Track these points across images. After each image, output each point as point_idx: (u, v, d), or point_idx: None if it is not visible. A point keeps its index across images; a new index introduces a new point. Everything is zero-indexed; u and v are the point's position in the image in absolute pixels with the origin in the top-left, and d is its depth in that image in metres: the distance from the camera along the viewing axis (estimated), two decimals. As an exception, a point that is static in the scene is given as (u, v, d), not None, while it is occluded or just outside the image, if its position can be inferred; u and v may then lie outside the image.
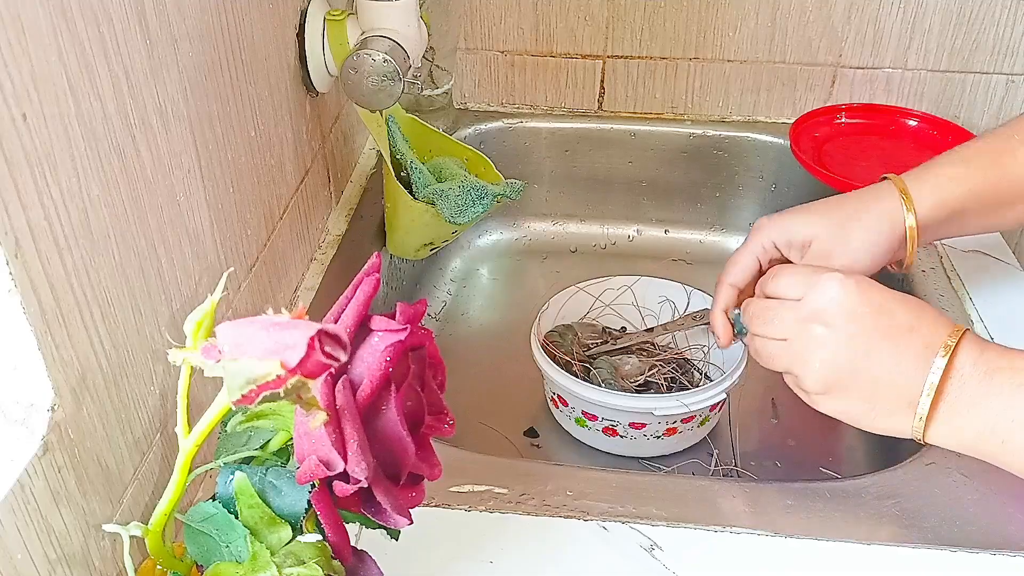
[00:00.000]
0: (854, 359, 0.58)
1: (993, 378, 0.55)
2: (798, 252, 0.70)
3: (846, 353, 0.58)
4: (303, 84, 0.81)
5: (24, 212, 0.41)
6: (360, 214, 0.95)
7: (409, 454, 0.39)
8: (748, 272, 0.72)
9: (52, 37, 0.42)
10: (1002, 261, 0.87)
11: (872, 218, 0.69)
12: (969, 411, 0.55)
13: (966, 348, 0.56)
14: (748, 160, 1.12)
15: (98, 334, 0.48)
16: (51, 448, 0.44)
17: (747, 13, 1.06)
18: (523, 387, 0.92)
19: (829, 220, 0.70)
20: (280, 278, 0.78)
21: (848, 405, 0.59)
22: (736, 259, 0.72)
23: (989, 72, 1.07)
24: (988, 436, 0.55)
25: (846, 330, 0.58)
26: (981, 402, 0.55)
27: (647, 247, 1.16)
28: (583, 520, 0.62)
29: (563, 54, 1.12)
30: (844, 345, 0.58)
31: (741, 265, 0.72)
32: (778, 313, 0.62)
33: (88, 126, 0.45)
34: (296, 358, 0.31)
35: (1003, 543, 0.60)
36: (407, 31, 0.80)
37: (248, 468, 0.42)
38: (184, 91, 0.57)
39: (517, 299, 1.09)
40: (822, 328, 0.59)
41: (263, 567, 0.40)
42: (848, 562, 0.59)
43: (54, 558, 0.44)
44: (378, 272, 0.40)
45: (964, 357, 0.56)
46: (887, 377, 0.57)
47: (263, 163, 0.72)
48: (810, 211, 0.71)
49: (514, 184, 0.92)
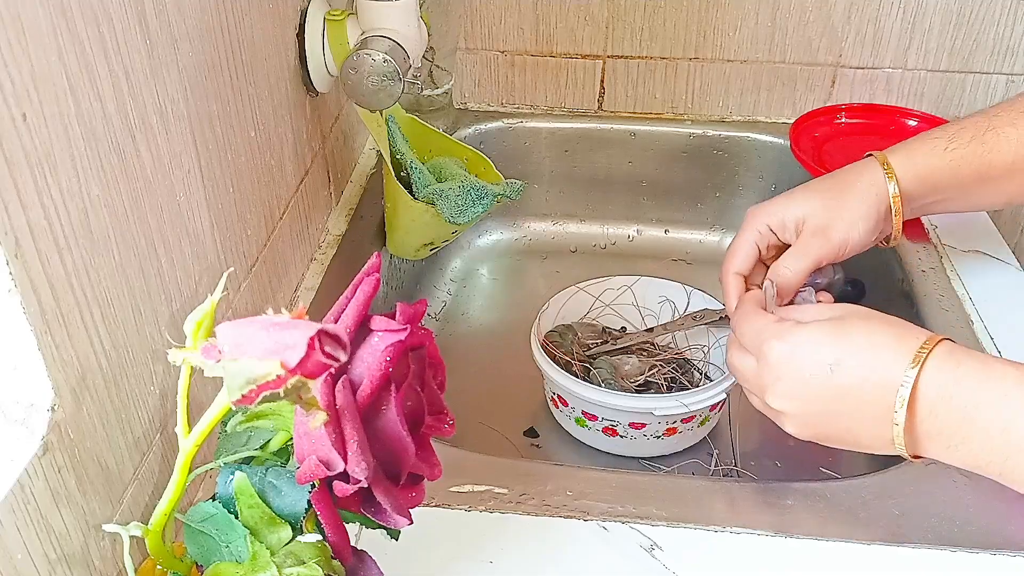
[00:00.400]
0: (820, 425, 0.59)
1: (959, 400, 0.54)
2: (793, 233, 0.71)
3: (811, 421, 0.59)
4: (303, 84, 0.81)
5: (24, 212, 0.41)
6: (360, 214, 0.95)
7: (409, 454, 0.39)
8: (750, 259, 0.72)
9: (52, 37, 0.42)
10: (1002, 261, 0.87)
11: (859, 190, 0.70)
12: (950, 440, 0.55)
13: (924, 393, 0.54)
14: (748, 160, 1.12)
15: (98, 334, 0.48)
16: (51, 448, 0.44)
17: (747, 13, 1.06)
18: (523, 387, 0.92)
19: (819, 196, 0.71)
20: (280, 278, 0.78)
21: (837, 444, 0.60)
22: (735, 248, 0.73)
23: (989, 72, 1.07)
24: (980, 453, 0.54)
25: (802, 406, 0.58)
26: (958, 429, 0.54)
27: (647, 247, 1.16)
28: (583, 520, 0.62)
29: (563, 54, 1.12)
30: (803, 418, 0.59)
31: (742, 254, 0.72)
32: (742, 375, 0.63)
33: (88, 126, 0.45)
34: (296, 358, 0.31)
35: (1003, 543, 0.60)
36: (407, 31, 0.80)
37: (248, 468, 0.42)
38: (184, 91, 0.57)
39: (517, 299, 1.09)
40: (780, 402, 0.59)
41: (263, 567, 0.40)
42: (848, 562, 0.59)
43: (54, 558, 0.44)
44: (378, 272, 0.40)
45: (924, 404, 0.54)
46: (859, 428, 0.57)
47: (263, 163, 0.72)
48: (798, 192, 0.72)
49: (514, 184, 0.92)
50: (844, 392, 0.56)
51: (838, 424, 0.58)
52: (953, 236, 0.90)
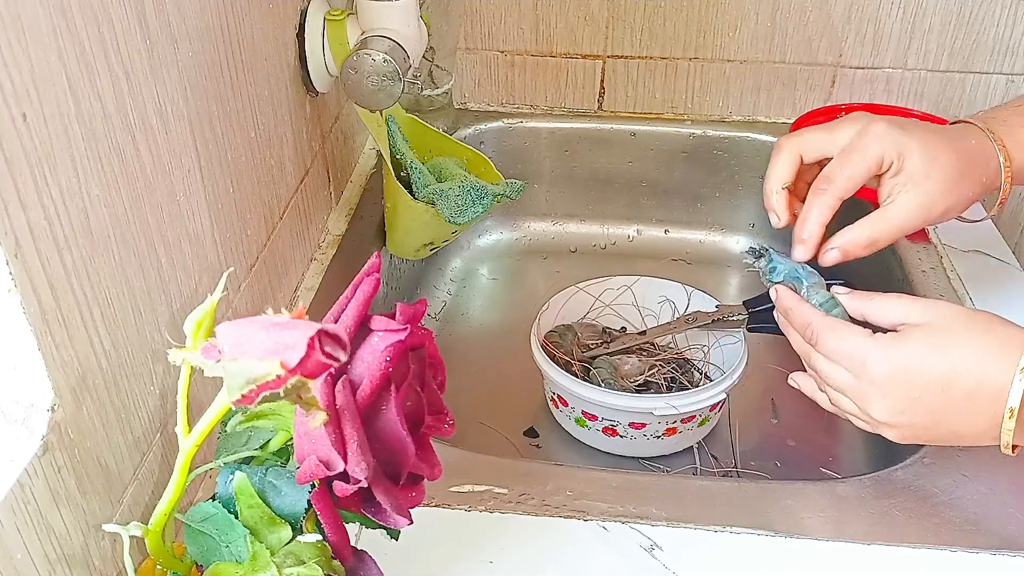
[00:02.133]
0: (925, 435, 0.58)
1: None
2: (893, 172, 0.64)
3: (918, 433, 0.58)
4: (303, 84, 0.81)
5: (24, 212, 0.41)
6: (360, 214, 0.95)
7: (409, 454, 0.39)
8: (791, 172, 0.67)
9: (52, 37, 0.42)
10: (1002, 261, 0.87)
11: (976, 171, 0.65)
12: None
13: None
14: (748, 160, 1.12)
15: (98, 334, 0.48)
16: (51, 448, 0.44)
17: (747, 13, 1.06)
18: (523, 387, 0.92)
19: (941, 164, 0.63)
20: (280, 278, 0.78)
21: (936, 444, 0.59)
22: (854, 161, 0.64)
23: (989, 72, 1.07)
24: None
25: (910, 419, 0.57)
26: None
27: (647, 247, 1.16)
28: (583, 520, 0.62)
29: (563, 54, 1.12)
30: (910, 430, 0.58)
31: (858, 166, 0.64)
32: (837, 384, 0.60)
33: (88, 126, 0.45)
34: (296, 358, 0.31)
35: (1003, 543, 0.60)
36: (407, 31, 0.80)
37: (248, 468, 0.42)
38: (184, 91, 0.57)
39: (517, 299, 1.09)
40: (887, 416, 0.58)
41: (263, 567, 0.40)
42: (848, 562, 0.59)
43: (54, 558, 0.44)
44: (378, 272, 0.40)
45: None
46: (964, 432, 0.56)
47: (263, 163, 0.72)
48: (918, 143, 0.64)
49: (514, 184, 0.92)
50: (955, 406, 0.55)
51: (943, 430, 0.57)
52: (953, 236, 0.90)
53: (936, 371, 0.55)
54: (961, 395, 0.55)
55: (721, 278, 1.12)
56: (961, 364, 0.55)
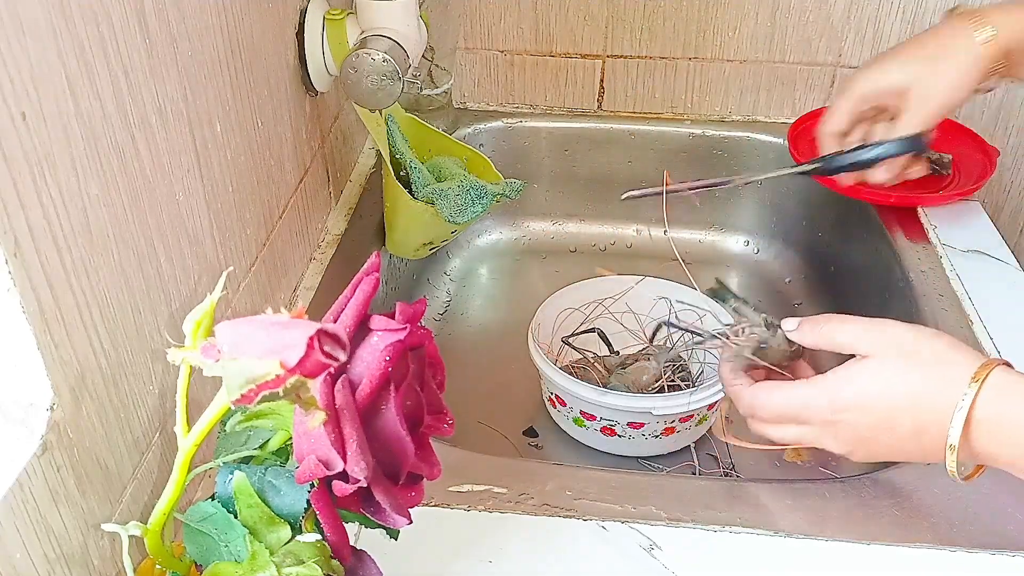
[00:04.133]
0: (887, 457, 0.58)
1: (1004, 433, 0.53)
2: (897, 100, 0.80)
3: (876, 457, 0.58)
4: (303, 84, 0.81)
5: (24, 212, 0.41)
6: (359, 214, 0.95)
7: (408, 454, 0.39)
8: (846, 122, 0.85)
9: (52, 37, 0.42)
10: (1002, 261, 0.87)
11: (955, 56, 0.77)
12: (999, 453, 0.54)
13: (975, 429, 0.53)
14: (748, 160, 1.12)
15: (97, 334, 0.48)
16: (50, 447, 0.44)
17: (747, 13, 1.06)
18: (522, 387, 0.92)
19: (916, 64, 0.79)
20: (279, 278, 0.78)
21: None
22: (833, 112, 0.86)
23: (989, 72, 1.07)
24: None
25: (866, 451, 0.58)
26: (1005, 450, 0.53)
27: (647, 247, 1.16)
28: (583, 520, 0.62)
29: (563, 54, 1.12)
30: (871, 456, 0.58)
31: (837, 118, 0.85)
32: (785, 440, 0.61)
33: (87, 125, 0.45)
34: (295, 357, 0.31)
35: (1003, 543, 0.60)
36: (407, 31, 0.80)
37: (247, 468, 0.42)
38: (184, 91, 0.57)
39: (517, 299, 1.09)
40: (843, 449, 0.59)
41: (262, 567, 0.40)
42: (848, 562, 0.59)
43: (53, 557, 0.44)
44: (377, 272, 0.40)
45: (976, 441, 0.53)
46: (923, 457, 0.57)
47: (262, 163, 0.72)
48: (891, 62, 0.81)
49: (513, 184, 0.92)
50: (904, 440, 0.56)
51: (902, 455, 0.58)
52: (953, 236, 0.90)
53: (879, 411, 0.56)
54: (907, 432, 0.55)
55: (721, 278, 1.12)
56: (904, 401, 0.55)
